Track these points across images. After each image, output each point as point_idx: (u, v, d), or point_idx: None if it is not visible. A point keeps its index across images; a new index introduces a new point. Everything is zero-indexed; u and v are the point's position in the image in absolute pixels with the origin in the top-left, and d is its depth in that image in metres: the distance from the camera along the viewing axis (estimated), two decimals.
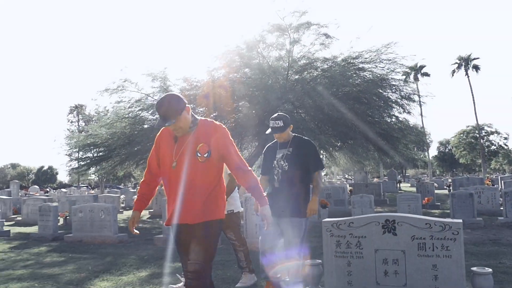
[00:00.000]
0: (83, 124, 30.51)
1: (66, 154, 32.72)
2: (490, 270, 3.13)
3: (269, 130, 3.86)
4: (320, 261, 3.66)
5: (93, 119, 30.12)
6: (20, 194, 25.05)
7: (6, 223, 10.19)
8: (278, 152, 3.87)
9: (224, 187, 2.66)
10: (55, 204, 9.38)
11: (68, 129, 36.72)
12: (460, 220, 3.21)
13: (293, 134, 3.95)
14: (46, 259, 6.52)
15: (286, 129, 3.80)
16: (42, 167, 76.62)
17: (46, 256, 6.80)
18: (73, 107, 48.99)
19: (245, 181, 2.57)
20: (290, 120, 3.89)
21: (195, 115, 2.57)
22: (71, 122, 36.80)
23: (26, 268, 5.79)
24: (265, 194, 2.65)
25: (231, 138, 2.60)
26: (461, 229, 3.14)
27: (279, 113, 3.94)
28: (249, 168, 2.59)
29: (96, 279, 4.93)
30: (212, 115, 13.58)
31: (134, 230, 2.69)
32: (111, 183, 50.72)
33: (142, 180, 2.76)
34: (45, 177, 75.46)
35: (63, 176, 76.62)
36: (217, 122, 2.61)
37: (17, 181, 27.20)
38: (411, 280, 3.21)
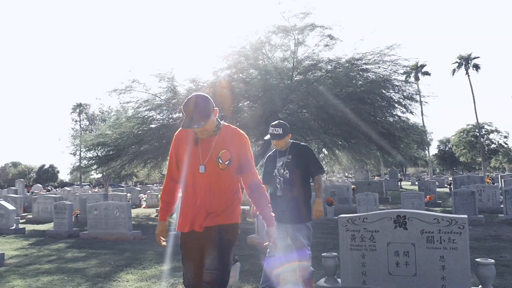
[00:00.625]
0: (87, 123, 30.80)
1: (71, 153, 33.00)
2: (493, 261, 3.44)
3: (267, 136, 3.94)
4: (335, 253, 3.96)
5: (97, 118, 30.40)
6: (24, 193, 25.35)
7: None
8: (278, 160, 3.91)
9: (241, 196, 2.60)
10: (70, 202, 9.67)
11: (72, 128, 37.03)
12: (465, 216, 3.52)
13: (291, 141, 4.02)
14: (67, 254, 6.83)
15: (285, 137, 3.85)
16: (43, 165, 76.76)
17: (66, 252, 7.11)
18: (75, 105, 49.30)
19: (256, 198, 2.56)
20: (289, 128, 3.94)
21: (219, 119, 2.52)
22: (76, 121, 37.14)
23: (51, 262, 6.10)
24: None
25: (250, 147, 2.57)
26: (466, 224, 3.44)
27: (280, 120, 4.03)
28: (263, 185, 2.60)
29: (121, 273, 5.23)
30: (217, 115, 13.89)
31: (163, 242, 2.54)
32: (111, 181, 51.08)
33: (164, 187, 2.62)
34: (46, 175, 75.63)
35: (64, 175, 76.94)
36: (240, 131, 2.56)
37: (22, 179, 27.49)
38: (421, 270, 3.52)
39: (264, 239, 3.99)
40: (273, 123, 3.95)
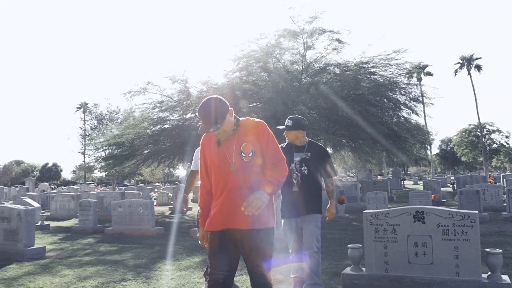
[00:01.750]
0: (95, 122, 31.43)
1: (79, 152, 33.45)
2: (500, 250, 3.93)
3: (282, 126, 4.07)
4: (360, 245, 4.44)
5: (105, 117, 30.97)
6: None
7: None
8: (295, 155, 3.92)
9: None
10: (94, 200, 10.17)
11: (81, 128, 37.59)
12: (476, 211, 4.01)
13: (308, 139, 4.04)
14: (100, 248, 7.32)
15: (292, 130, 3.90)
16: (47, 164, 77.28)
17: (98, 246, 7.61)
18: (80, 105, 49.86)
19: (272, 173, 2.44)
20: (304, 126, 3.96)
21: (237, 116, 2.52)
22: (85, 120, 37.72)
23: (89, 255, 6.60)
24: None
25: (271, 134, 2.51)
26: (477, 218, 3.93)
27: (298, 115, 4.14)
28: (283, 165, 2.47)
29: (159, 264, 5.73)
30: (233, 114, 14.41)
31: (206, 245, 2.56)
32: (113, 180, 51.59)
33: (199, 194, 2.63)
34: (50, 174, 76.14)
35: (66, 173, 77.55)
36: (257, 119, 2.53)
37: (32, 178, 28.03)
38: (437, 259, 4.00)
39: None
40: (291, 116, 4.06)
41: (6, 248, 6.47)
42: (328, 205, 4.14)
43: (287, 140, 4.05)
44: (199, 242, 2.67)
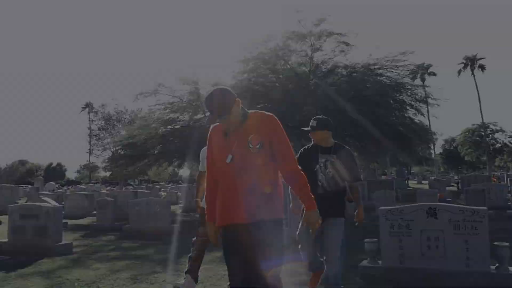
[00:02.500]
0: (103, 123, 31.89)
1: (87, 152, 33.89)
2: (508, 243, 4.24)
3: (307, 128, 4.02)
4: (376, 239, 4.76)
5: (112, 118, 31.44)
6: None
7: None
8: (320, 156, 3.84)
9: (282, 187, 2.48)
10: (111, 198, 10.53)
11: (88, 128, 38.12)
12: (485, 208, 4.33)
13: (334, 141, 3.95)
14: (122, 244, 7.67)
15: (316, 130, 3.84)
16: (51, 164, 77.81)
17: (120, 242, 7.96)
18: (85, 105, 50.33)
19: (294, 183, 2.43)
20: (329, 125, 3.90)
21: (245, 108, 2.45)
22: (90, 121, 38.26)
23: (114, 251, 6.95)
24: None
25: (282, 128, 2.43)
26: (486, 214, 4.25)
27: (323, 116, 4.10)
28: (299, 169, 2.44)
29: (183, 258, 6.01)
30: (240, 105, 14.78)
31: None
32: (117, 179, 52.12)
33: (206, 188, 2.56)
34: (54, 173, 76.66)
35: (70, 173, 78.24)
36: (267, 112, 2.45)
37: (41, 177, 28.49)
38: (448, 252, 4.32)
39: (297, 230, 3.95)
40: (316, 116, 3.99)
41: (35, 244, 6.81)
42: (356, 211, 4.02)
43: (312, 141, 4.01)
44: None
